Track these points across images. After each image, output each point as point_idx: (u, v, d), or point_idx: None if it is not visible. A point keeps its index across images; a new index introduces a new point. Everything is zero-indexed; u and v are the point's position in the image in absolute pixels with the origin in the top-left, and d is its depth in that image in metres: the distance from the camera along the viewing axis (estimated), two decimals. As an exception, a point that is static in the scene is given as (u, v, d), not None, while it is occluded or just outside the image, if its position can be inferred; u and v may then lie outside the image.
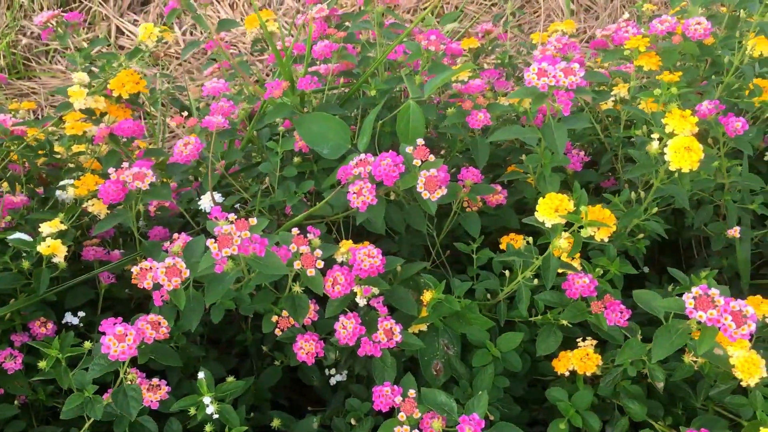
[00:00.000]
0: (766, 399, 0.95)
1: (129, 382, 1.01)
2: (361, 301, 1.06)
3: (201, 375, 1.04)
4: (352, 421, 1.11)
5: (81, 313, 1.23)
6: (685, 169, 0.93)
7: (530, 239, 1.06)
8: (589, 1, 3.82)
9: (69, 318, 1.23)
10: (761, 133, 1.34)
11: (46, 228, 1.16)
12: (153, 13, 3.70)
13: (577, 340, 1.08)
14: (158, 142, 1.81)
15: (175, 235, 1.15)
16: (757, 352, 1.02)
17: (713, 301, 0.84)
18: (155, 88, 1.60)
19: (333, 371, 1.23)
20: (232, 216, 0.94)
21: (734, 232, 1.14)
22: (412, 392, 0.97)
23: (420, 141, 1.06)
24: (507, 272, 1.09)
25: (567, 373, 1.07)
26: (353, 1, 3.50)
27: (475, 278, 1.17)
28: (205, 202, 1.29)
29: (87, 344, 1.08)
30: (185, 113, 1.29)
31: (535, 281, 1.03)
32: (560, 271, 1.04)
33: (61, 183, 1.36)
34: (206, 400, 1.02)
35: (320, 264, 0.99)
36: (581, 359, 1.05)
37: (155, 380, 1.05)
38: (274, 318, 1.12)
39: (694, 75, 1.32)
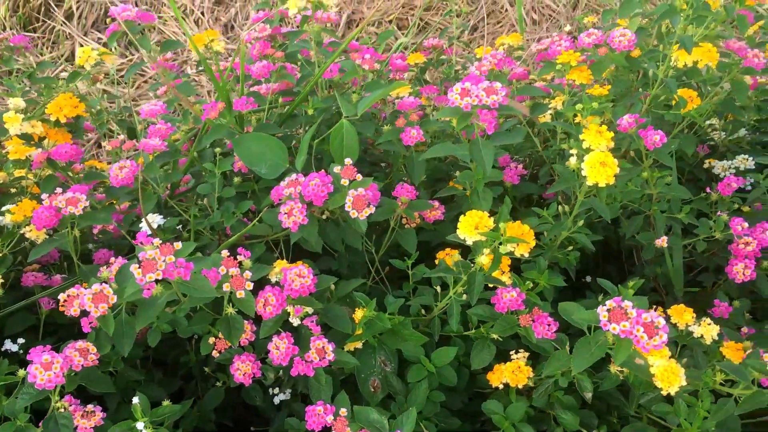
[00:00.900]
0: (690, 407, 0.97)
1: (61, 410, 1.01)
2: (295, 321, 1.06)
3: (135, 400, 1.04)
4: (292, 441, 1.11)
5: (21, 340, 1.22)
6: (601, 183, 0.96)
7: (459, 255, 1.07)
8: (550, 11, 3.88)
9: (8, 345, 1.22)
10: (694, 142, 1.37)
11: (-20, 255, 1.15)
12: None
13: (511, 352, 1.10)
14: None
15: (112, 259, 1.15)
16: (682, 360, 1.04)
17: (626, 313, 0.86)
18: (103, 110, 1.59)
19: (276, 390, 1.23)
20: (157, 241, 0.94)
21: (662, 241, 1.16)
22: (344, 411, 0.98)
23: (348, 161, 1.07)
24: (438, 288, 1.10)
25: (501, 386, 1.08)
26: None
27: (411, 294, 1.18)
28: (146, 225, 1.29)
29: (21, 372, 1.07)
30: (120, 136, 1.29)
31: (464, 296, 1.05)
32: (492, 285, 1.06)
33: (3, 208, 1.35)
34: (139, 425, 1.02)
35: (249, 285, 1.00)
36: (513, 372, 1.06)
37: (90, 406, 1.04)
38: (212, 340, 1.12)
39: (627, 87, 1.35)
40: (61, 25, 3.68)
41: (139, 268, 0.91)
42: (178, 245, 0.94)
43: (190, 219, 1.20)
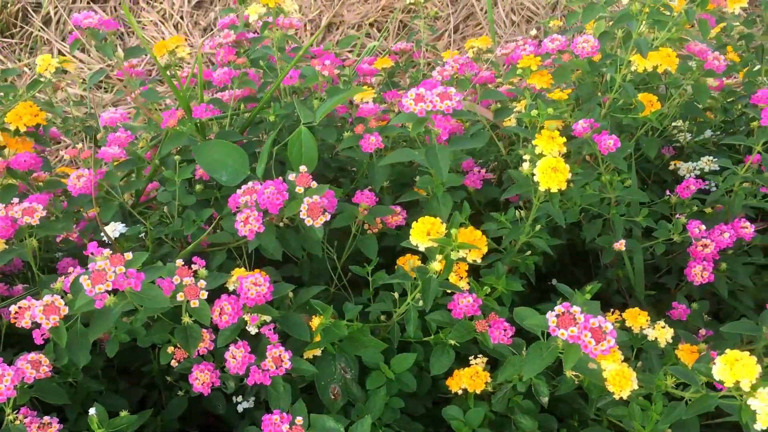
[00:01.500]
0: (644, 410, 0.97)
1: (16, 422, 1.00)
2: (252, 330, 1.06)
3: (92, 411, 1.03)
4: (251, 449, 1.10)
5: (-20, 351, 1.21)
6: (553, 189, 0.96)
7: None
8: (530, 13, 3.88)
9: (-32, 357, 1.21)
10: (656, 144, 1.38)
11: (-64, 267, 1.14)
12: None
13: (470, 358, 1.10)
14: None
15: (71, 269, 1.15)
16: (637, 364, 1.05)
17: (575, 318, 0.86)
18: (69, 116, 1.58)
19: (240, 398, 1.22)
20: (107, 251, 0.94)
21: (620, 245, 1.17)
22: (300, 419, 0.98)
23: (303, 168, 1.07)
24: (396, 295, 1.10)
25: (460, 391, 1.08)
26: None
27: (372, 300, 1.18)
28: (108, 233, 1.28)
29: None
30: (79, 145, 1.28)
31: (421, 303, 1.05)
32: (450, 291, 1.06)
33: (-35, 218, 1.34)
34: (95, 436, 1.01)
35: (204, 295, 1.00)
36: (471, 377, 1.06)
37: (47, 418, 1.04)
38: (170, 349, 1.12)
39: (592, 91, 1.35)
40: (39, 30, 3.65)
41: (89, 279, 0.91)
42: (129, 255, 0.94)
43: (148, 227, 1.19)
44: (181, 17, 3.82)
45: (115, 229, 1.29)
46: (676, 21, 1.30)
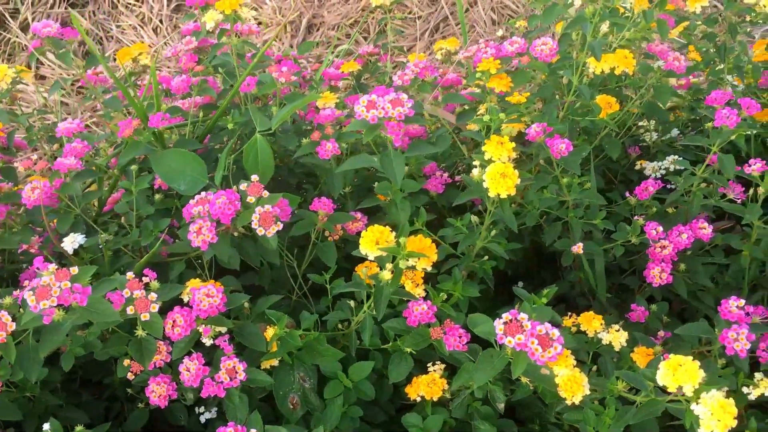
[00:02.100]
0: (599, 415, 0.97)
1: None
2: (207, 341, 1.05)
3: (46, 426, 1.03)
4: (210, 461, 1.10)
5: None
6: (502, 194, 0.95)
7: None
8: (510, 12, 3.88)
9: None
10: (619, 146, 1.38)
11: None
12: (74, 41, 3.64)
13: (428, 365, 1.10)
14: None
15: (26, 282, 1.13)
16: (592, 368, 1.04)
17: (522, 325, 0.86)
18: (32, 125, 1.57)
19: (202, 409, 1.21)
20: (52, 266, 0.93)
21: (578, 248, 1.16)
22: (253, 431, 0.97)
23: (255, 177, 1.06)
24: (352, 303, 1.09)
25: (419, 399, 1.08)
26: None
27: (331, 308, 1.17)
28: (67, 244, 1.27)
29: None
30: (34, 156, 1.27)
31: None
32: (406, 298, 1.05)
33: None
34: (49, 452, 1.00)
35: (155, 308, 0.99)
36: (428, 384, 1.06)
37: (1, 434, 1.03)
38: (127, 362, 1.11)
39: (551, 94, 1.35)
40: (16, 36, 3.62)
41: (33, 295, 0.90)
42: (75, 270, 0.93)
43: (101, 239, 1.18)
44: (161, 21, 3.80)
45: (74, 241, 1.28)
46: (635, 22, 1.29)
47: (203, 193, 1.09)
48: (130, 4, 3.85)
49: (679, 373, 0.79)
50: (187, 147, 1.25)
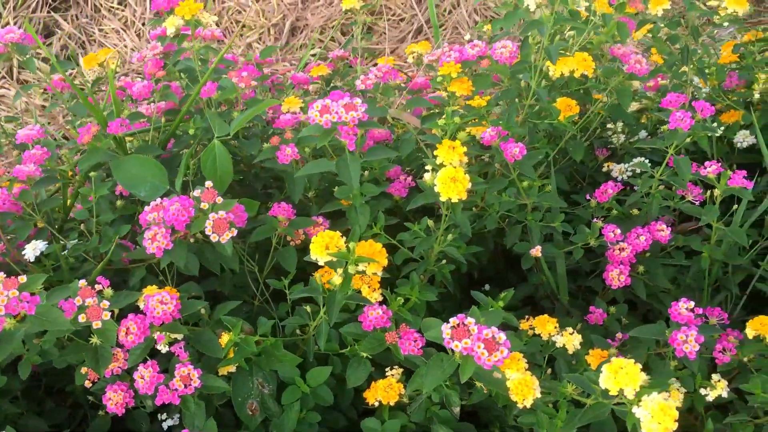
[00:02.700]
0: (552, 418, 0.97)
1: None
2: (162, 348, 1.05)
3: (1, 435, 1.02)
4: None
5: None
6: (454, 199, 0.96)
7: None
8: (493, 13, 3.88)
9: None
10: (582, 148, 1.38)
11: None
12: (56, 45, 3.63)
13: (386, 369, 1.10)
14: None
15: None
16: (546, 371, 1.05)
17: (469, 330, 0.86)
18: (5, 130, 1.56)
19: (164, 416, 1.21)
20: (1, 275, 0.92)
21: (536, 251, 1.17)
22: (207, 438, 0.97)
23: (209, 184, 1.06)
24: (308, 308, 1.09)
25: (377, 403, 1.08)
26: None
27: (290, 313, 1.17)
28: (29, 251, 1.27)
29: None
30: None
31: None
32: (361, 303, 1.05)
33: None
34: (2, 461, 1.00)
35: (107, 315, 0.98)
36: (385, 389, 1.06)
37: (-45, 444, 1.02)
38: (84, 369, 1.10)
39: (513, 97, 1.35)
40: (-3, 41, 3.60)
41: (-21, 304, 0.89)
42: (23, 278, 0.92)
43: (56, 248, 1.17)
44: (143, 24, 3.79)
45: (35, 248, 1.28)
46: (595, 25, 1.30)
47: (158, 200, 1.09)
48: (112, 7, 3.84)
49: (620, 376, 0.79)
50: (148, 153, 1.25)
